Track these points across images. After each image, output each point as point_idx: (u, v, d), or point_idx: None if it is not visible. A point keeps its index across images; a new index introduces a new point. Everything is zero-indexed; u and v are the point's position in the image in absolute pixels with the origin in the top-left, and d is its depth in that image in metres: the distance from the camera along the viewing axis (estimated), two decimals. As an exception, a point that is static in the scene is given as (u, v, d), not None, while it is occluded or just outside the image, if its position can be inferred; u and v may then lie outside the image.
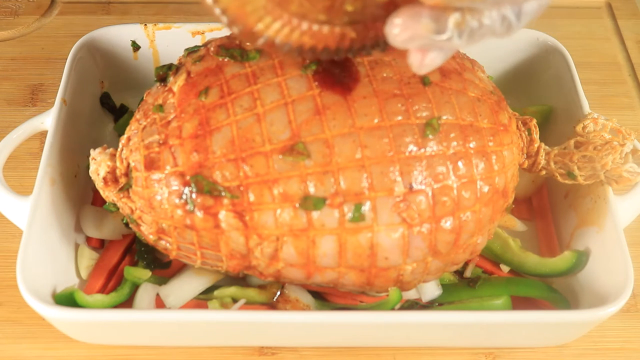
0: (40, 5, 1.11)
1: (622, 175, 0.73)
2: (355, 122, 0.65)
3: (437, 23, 0.49)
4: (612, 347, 0.77)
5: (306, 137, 0.65)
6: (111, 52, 0.92)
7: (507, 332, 0.72)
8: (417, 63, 0.53)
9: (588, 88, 0.86)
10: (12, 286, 0.70)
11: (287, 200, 0.64)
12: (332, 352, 0.75)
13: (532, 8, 0.52)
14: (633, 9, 1.15)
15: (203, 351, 0.75)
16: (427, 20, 0.49)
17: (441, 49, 0.53)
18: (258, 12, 0.53)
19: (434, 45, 0.52)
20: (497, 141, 0.68)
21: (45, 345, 0.75)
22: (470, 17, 0.50)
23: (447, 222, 0.66)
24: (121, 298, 0.76)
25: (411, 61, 0.54)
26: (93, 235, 0.81)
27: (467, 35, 0.51)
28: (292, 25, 0.55)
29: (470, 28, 0.50)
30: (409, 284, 0.70)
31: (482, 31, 0.51)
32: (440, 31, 0.50)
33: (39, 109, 0.96)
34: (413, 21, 0.49)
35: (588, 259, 0.76)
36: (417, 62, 0.53)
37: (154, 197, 0.67)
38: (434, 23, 0.49)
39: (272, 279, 0.71)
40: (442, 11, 0.50)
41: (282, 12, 0.54)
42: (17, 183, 0.85)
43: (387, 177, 0.64)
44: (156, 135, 0.68)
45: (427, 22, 0.49)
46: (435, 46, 0.52)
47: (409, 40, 0.50)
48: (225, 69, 0.68)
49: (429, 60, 0.53)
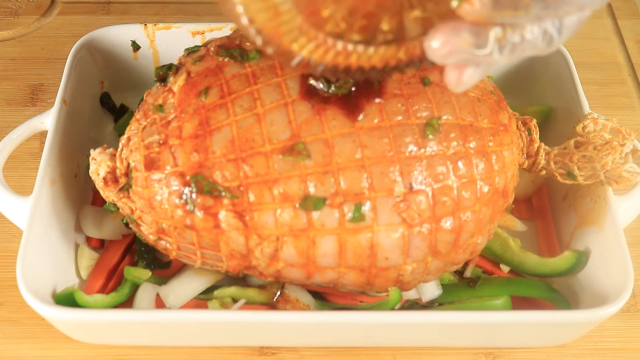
0: (40, 5, 1.11)
1: (622, 175, 0.73)
2: (355, 122, 0.65)
3: (478, 38, 0.49)
4: (612, 347, 0.77)
5: (306, 137, 0.65)
6: (111, 52, 0.92)
7: (507, 332, 0.72)
8: (454, 81, 0.53)
9: (588, 88, 0.86)
10: (12, 286, 0.70)
11: (287, 201, 0.64)
12: (332, 352, 0.75)
13: (572, 22, 0.51)
14: (633, 9, 1.15)
15: (203, 351, 0.75)
16: (467, 35, 0.49)
17: (479, 65, 0.52)
18: (293, 33, 0.53)
19: (473, 60, 0.51)
20: (497, 141, 0.68)
21: (45, 345, 0.75)
22: (512, 32, 0.49)
23: (447, 222, 0.66)
24: (121, 298, 0.76)
25: (448, 79, 0.53)
26: (93, 235, 0.81)
27: (508, 50, 0.50)
28: (327, 45, 0.54)
29: (511, 43, 0.50)
30: (409, 284, 0.70)
31: (523, 46, 0.50)
32: (481, 46, 0.49)
33: (39, 109, 0.96)
34: (453, 35, 0.49)
35: (588, 259, 0.76)
36: (455, 80, 0.53)
37: (154, 197, 0.67)
38: (475, 37, 0.49)
39: (272, 279, 0.71)
40: (483, 26, 0.49)
41: (317, 32, 0.53)
42: (17, 183, 0.85)
43: (387, 177, 0.64)
44: (156, 135, 0.68)
45: (467, 36, 0.49)
46: (475, 62, 0.51)
47: (449, 54, 0.50)
48: (225, 69, 0.68)
49: (466, 78, 0.52)
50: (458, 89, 0.53)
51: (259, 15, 0.51)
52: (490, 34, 0.49)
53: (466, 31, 0.49)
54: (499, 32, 0.49)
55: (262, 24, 0.51)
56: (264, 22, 0.51)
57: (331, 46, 0.54)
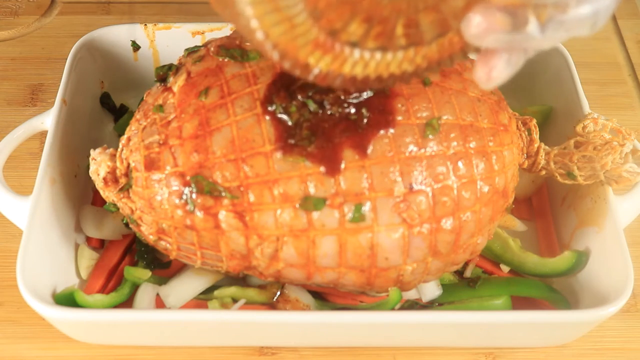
0: (40, 5, 1.11)
1: (622, 175, 0.73)
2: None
3: (515, 18, 0.48)
4: (612, 347, 0.77)
5: (306, 137, 0.65)
6: (111, 52, 0.92)
7: (507, 332, 0.72)
8: (484, 77, 0.52)
9: (588, 88, 0.86)
10: (12, 286, 0.70)
11: (287, 201, 0.64)
12: (332, 352, 0.75)
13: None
14: (633, 9, 1.15)
15: (203, 351, 0.75)
16: (501, 15, 0.48)
17: (512, 58, 0.51)
18: (309, 46, 0.52)
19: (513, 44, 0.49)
20: (497, 141, 0.68)
21: (45, 345, 0.75)
22: (554, 10, 0.48)
23: (447, 222, 0.66)
24: (121, 298, 0.76)
25: (478, 76, 0.52)
26: (93, 235, 0.81)
27: (552, 30, 0.48)
28: (344, 56, 0.53)
29: (554, 22, 0.48)
30: (409, 284, 0.70)
31: (567, 25, 0.48)
32: (519, 26, 0.48)
33: (39, 109, 0.96)
34: (489, 15, 0.48)
35: (588, 259, 0.76)
36: (485, 76, 0.52)
37: (154, 198, 0.67)
38: (512, 17, 0.48)
39: (272, 279, 0.71)
40: (521, 6, 0.48)
41: (333, 42, 0.52)
42: (17, 183, 0.85)
43: (387, 177, 0.64)
44: (156, 135, 0.68)
45: (502, 16, 0.48)
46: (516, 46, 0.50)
47: (485, 33, 0.48)
48: (225, 69, 0.68)
49: (496, 73, 0.51)
50: (488, 85, 0.52)
51: (274, 29, 0.50)
52: (529, 13, 0.48)
53: (501, 12, 0.48)
54: (538, 11, 0.48)
55: (277, 38, 0.50)
56: (279, 36, 0.50)
57: (348, 56, 0.53)
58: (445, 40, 0.54)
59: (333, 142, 0.64)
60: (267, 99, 0.65)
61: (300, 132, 0.64)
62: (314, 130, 0.64)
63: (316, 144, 0.64)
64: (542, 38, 0.49)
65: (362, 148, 0.64)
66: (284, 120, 0.64)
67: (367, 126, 0.64)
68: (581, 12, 0.49)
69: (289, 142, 0.64)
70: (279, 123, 0.64)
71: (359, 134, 0.64)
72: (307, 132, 0.64)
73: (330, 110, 0.64)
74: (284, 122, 0.64)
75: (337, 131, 0.64)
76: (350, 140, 0.64)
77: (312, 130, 0.64)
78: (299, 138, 0.64)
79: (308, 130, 0.64)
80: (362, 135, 0.64)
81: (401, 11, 0.52)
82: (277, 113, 0.65)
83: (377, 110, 0.65)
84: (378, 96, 0.65)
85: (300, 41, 0.51)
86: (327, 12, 0.50)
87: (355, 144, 0.64)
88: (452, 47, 0.55)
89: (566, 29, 0.49)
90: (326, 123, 0.64)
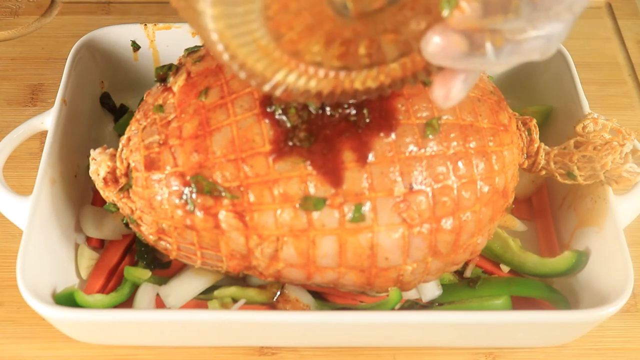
0: (40, 5, 1.11)
1: (622, 175, 0.73)
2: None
3: (472, 42, 0.49)
4: (612, 347, 0.77)
5: (306, 138, 0.65)
6: (111, 52, 0.92)
7: (507, 332, 0.72)
8: (442, 98, 0.53)
9: (588, 88, 0.86)
10: (12, 286, 0.70)
11: (287, 201, 0.64)
12: (332, 352, 0.75)
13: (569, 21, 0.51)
14: (633, 9, 1.15)
15: (203, 351, 0.75)
16: (459, 38, 0.49)
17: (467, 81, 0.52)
18: (274, 65, 0.53)
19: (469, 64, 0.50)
20: (497, 141, 0.68)
21: (45, 345, 0.75)
22: (510, 34, 0.49)
23: (447, 222, 0.66)
24: (121, 298, 0.76)
25: (436, 95, 0.53)
26: (93, 235, 0.81)
27: (505, 55, 0.50)
28: (309, 74, 0.55)
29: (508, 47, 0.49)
30: (409, 284, 0.70)
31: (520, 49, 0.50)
32: (475, 50, 0.49)
33: (39, 109, 0.96)
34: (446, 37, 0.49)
35: (588, 259, 0.76)
36: (443, 96, 0.53)
37: (154, 198, 0.67)
38: (468, 41, 0.49)
39: (272, 279, 0.71)
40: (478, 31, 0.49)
41: (297, 62, 0.54)
42: (17, 183, 0.85)
43: (387, 177, 0.64)
44: (156, 135, 0.68)
45: (459, 39, 0.49)
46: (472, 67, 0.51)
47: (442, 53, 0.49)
48: (225, 69, 0.68)
49: (454, 94, 0.52)
50: (446, 105, 0.53)
51: (240, 50, 0.51)
52: (486, 37, 0.49)
53: (458, 35, 0.49)
54: (494, 36, 0.49)
55: (243, 59, 0.52)
56: (244, 57, 0.52)
57: (313, 74, 0.55)
58: (408, 60, 0.56)
59: (333, 144, 0.64)
60: (267, 100, 0.65)
61: (299, 134, 0.64)
62: (313, 131, 0.64)
63: (315, 146, 0.64)
64: (497, 62, 0.50)
65: (362, 150, 0.64)
66: (282, 122, 0.64)
67: (367, 127, 0.65)
68: (534, 38, 0.50)
69: (287, 145, 0.64)
70: (278, 125, 0.64)
71: (358, 135, 0.64)
72: (306, 134, 0.64)
73: (330, 111, 0.64)
74: (283, 124, 0.64)
75: (337, 132, 0.64)
76: (350, 141, 0.64)
77: (311, 132, 0.64)
78: (297, 140, 0.64)
79: (307, 131, 0.64)
80: (362, 136, 0.64)
81: (362, 33, 0.53)
82: (275, 114, 0.65)
83: (378, 111, 0.65)
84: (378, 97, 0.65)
85: (265, 61, 0.53)
86: (288, 34, 0.52)
87: (355, 146, 0.64)
88: (415, 65, 0.56)
89: (520, 53, 0.50)
90: (326, 124, 0.64)
